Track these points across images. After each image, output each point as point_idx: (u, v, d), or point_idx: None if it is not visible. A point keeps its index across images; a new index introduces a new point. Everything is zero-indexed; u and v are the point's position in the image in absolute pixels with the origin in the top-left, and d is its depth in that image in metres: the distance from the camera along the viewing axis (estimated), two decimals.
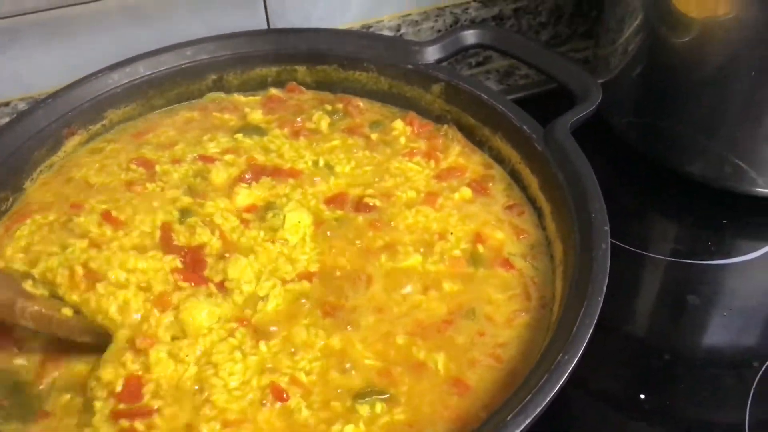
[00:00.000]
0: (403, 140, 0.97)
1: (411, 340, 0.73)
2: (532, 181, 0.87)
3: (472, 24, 1.18)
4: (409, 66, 1.00)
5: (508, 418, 0.58)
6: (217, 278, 0.77)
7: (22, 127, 0.91)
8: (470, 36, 1.00)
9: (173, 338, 0.72)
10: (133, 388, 0.68)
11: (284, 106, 1.03)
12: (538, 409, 0.58)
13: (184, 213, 0.84)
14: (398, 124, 0.99)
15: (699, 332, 0.87)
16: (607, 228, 0.73)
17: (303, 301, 0.76)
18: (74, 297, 0.74)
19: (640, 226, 1.00)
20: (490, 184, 0.91)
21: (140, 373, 0.69)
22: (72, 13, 1.02)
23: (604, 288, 0.67)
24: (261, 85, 1.05)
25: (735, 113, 0.94)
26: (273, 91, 1.05)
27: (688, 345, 0.86)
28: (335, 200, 0.87)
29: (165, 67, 1.00)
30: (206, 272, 0.78)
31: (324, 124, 0.99)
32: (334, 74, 1.04)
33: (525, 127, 0.88)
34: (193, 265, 0.78)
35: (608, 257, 0.70)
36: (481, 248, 0.82)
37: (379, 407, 0.68)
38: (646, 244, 0.96)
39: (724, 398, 0.80)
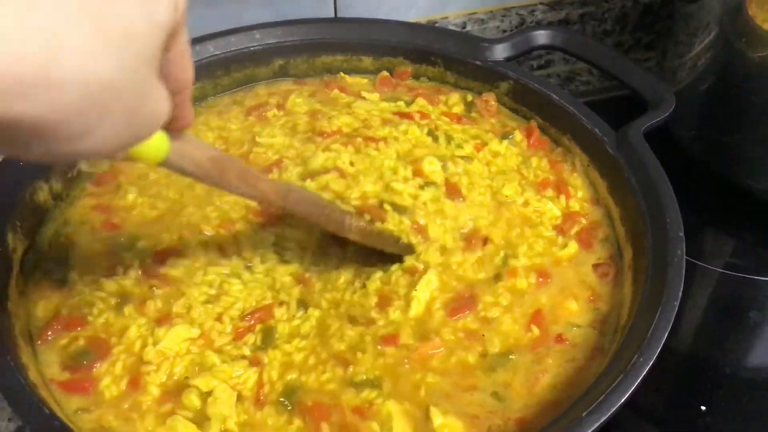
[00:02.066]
0: (534, 164, 0.91)
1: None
2: (601, 185, 0.86)
3: (540, 25, 1.18)
4: (478, 62, 0.99)
5: (583, 415, 0.57)
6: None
7: None
8: (541, 36, 0.99)
9: None
10: None
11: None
12: (614, 409, 0.58)
13: None
14: (518, 134, 0.94)
15: (761, 348, 0.85)
16: (682, 234, 0.72)
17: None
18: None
19: (702, 239, 0.99)
20: (599, 233, 0.83)
21: None
22: None
23: (680, 294, 0.67)
24: (326, 73, 1.05)
25: None
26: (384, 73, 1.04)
27: (749, 361, 0.84)
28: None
29: (234, 48, 1.00)
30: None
31: (457, 110, 0.99)
32: (400, 66, 1.04)
33: (597, 129, 0.87)
34: None
35: (683, 264, 0.69)
36: (536, 330, 0.74)
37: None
38: (708, 258, 0.94)
39: None
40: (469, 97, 1.00)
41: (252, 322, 0.72)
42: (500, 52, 0.99)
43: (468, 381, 0.69)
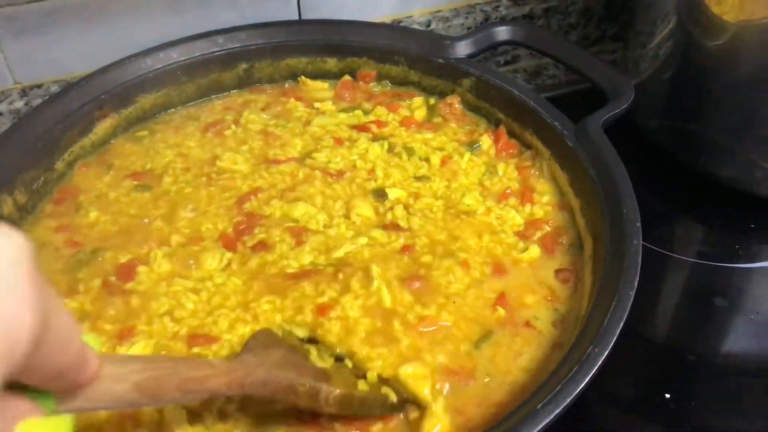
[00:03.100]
0: (501, 171, 0.91)
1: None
2: (562, 177, 0.87)
3: (504, 21, 1.18)
4: (440, 60, 1.00)
5: (539, 407, 0.58)
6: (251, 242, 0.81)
7: (55, 108, 0.92)
8: (502, 32, 1.00)
9: None
10: None
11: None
12: (568, 400, 0.58)
13: None
14: (486, 140, 0.95)
15: (725, 335, 0.86)
16: (638, 224, 0.73)
17: None
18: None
19: (668, 228, 0.99)
20: (563, 239, 0.83)
21: None
22: None
23: (636, 282, 0.67)
24: (291, 75, 1.06)
25: (766, 118, 0.93)
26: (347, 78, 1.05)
27: (714, 347, 0.85)
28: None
29: (198, 54, 1.01)
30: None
31: (419, 115, 0.99)
32: (365, 66, 1.04)
33: (556, 123, 0.88)
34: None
35: (639, 253, 0.70)
36: (501, 310, 0.76)
37: None
38: (674, 246, 0.95)
39: (750, 403, 0.80)
40: (432, 101, 1.01)
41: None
42: (462, 49, 1.00)
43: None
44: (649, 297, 0.89)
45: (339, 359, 0.71)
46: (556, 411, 0.57)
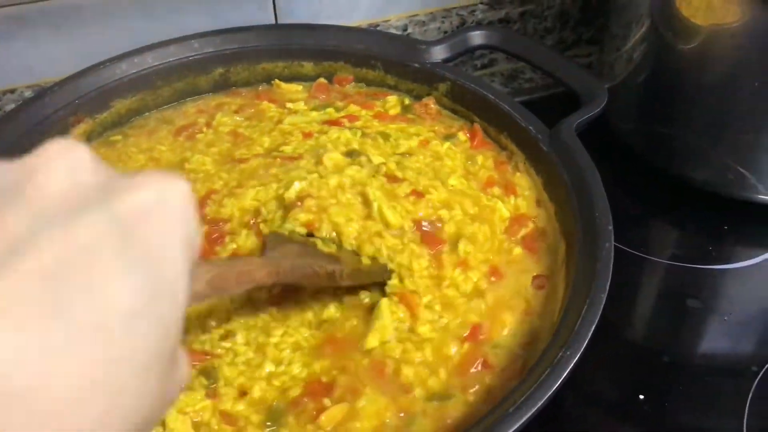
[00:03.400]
0: (480, 161, 0.91)
1: None
2: (537, 181, 0.88)
3: (479, 25, 1.19)
4: (416, 64, 1.00)
5: (510, 410, 0.58)
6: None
7: (29, 113, 0.91)
8: (477, 37, 1.00)
9: None
10: None
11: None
12: (539, 404, 0.58)
13: None
14: (462, 136, 0.94)
15: (699, 336, 0.87)
16: (610, 227, 0.73)
17: None
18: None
19: (642, 230, 1.00)
20: (545, 239, 0.82)
21: None
22: (82, 2, 1.02)
23: (607, 285, 0.68)
24: (267, 79, 1.06)
25: (738, 121, 0.94)
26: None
27: (688, 348, 0.86)
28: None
29: (173, 59, 1.00)
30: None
31: (394, 112, 0.99)
32: (341, 70, 1.04)
33: (531, 127, 0.88)
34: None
35: (611, 256, 0.70)
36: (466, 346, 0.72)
37: None
38: (647, 248, 0.96)
39: (722, 403, 0.80)
40: (407, 101, 1.01)
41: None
42: (438, 53, 1.00)
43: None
44: (624, 299, 0.90)
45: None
46: (528, 415, 0.58)
